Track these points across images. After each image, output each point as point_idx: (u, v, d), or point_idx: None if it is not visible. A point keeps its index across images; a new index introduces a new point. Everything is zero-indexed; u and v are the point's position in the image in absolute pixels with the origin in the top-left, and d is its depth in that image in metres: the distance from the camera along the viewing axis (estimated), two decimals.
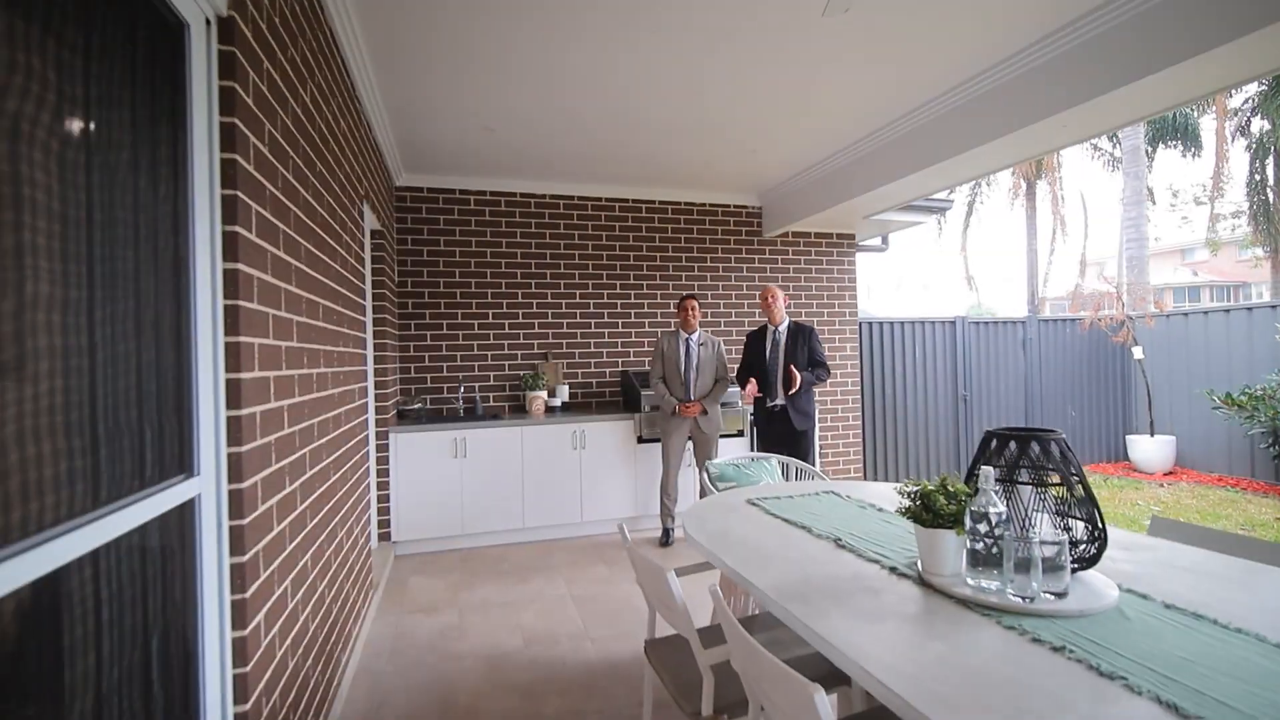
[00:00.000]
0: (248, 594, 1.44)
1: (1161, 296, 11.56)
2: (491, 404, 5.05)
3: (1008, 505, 1.42)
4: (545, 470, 4.53)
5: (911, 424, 6.47)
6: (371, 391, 4.09)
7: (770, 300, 4.04)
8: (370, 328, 4.07)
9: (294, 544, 1.86)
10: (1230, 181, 12.57)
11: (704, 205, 5.63)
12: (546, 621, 3.16)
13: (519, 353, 5.13)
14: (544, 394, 4.91)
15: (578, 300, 5.30)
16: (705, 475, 2.84)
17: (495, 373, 5.07)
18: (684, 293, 5.49)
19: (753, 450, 5.02)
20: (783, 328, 4.04)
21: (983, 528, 1.39)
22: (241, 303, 1.46)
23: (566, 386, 5.10)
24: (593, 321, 5.33)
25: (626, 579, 3.72)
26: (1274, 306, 6.07)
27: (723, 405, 4.81)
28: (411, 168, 4.74)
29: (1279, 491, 5.77)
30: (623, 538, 1.95)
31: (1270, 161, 12.37)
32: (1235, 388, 6.13)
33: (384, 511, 4.24)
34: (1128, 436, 7.07)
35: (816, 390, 4.00)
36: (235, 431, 1.44)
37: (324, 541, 2.26)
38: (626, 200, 5.42)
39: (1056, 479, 1.46)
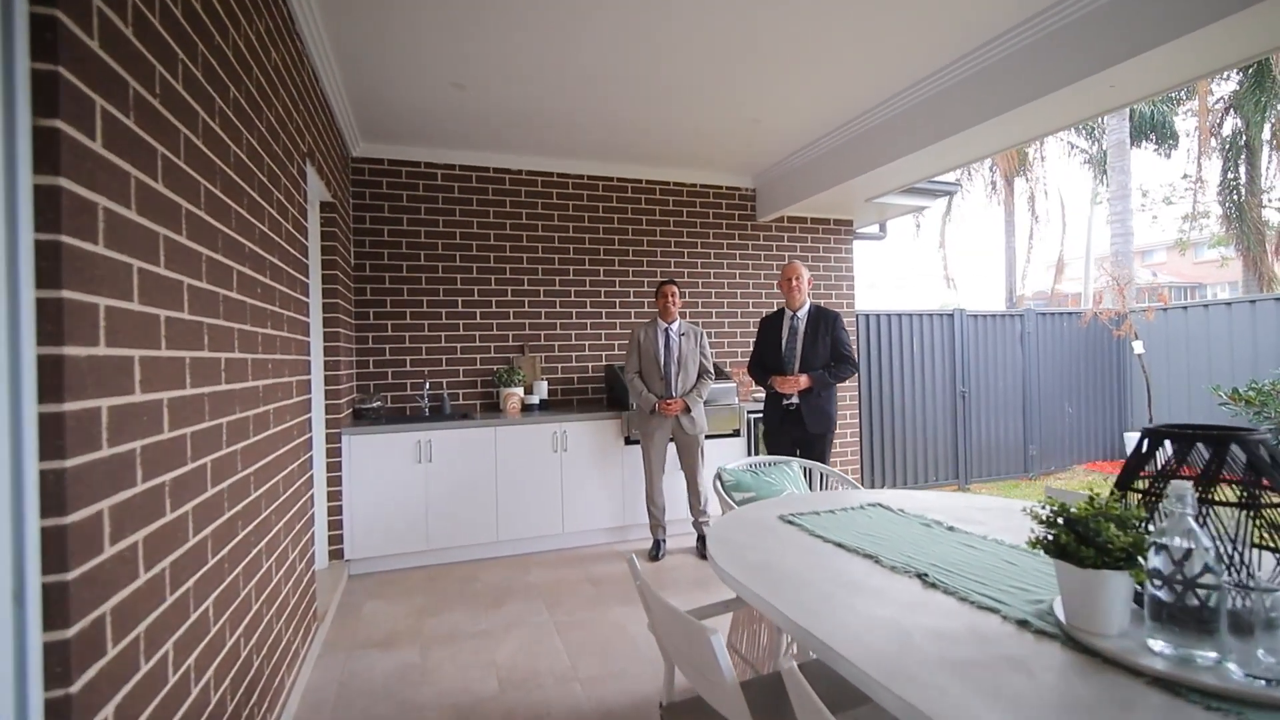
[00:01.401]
0: (74, 687, 0.94)
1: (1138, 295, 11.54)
2: (461, 402, 4.53)
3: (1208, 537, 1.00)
4: (522, 476, 4.03)
5: (910, 422, 6.13)
6: (321, 387, 3.54)
7: (795, 280, 3.54)
8: (319, 313, 3.53)
9: (181, 592, 1.35)
10: (1204, 182, 12.62)
11: (695, 186, 5.19)
12: (526, 657, 2.67)
13: (492, 345, 4.62)
14: (520, 391, 4.41)
15: (557, 288, 4.80)
16: (718, 484, 2.39)
17: (465, 367, 4.55)
18: (662, 278, 5.02)
19: (750, 454, 4.59)
20: (802, 313, 3.56)
21: (1177, 570, 0.96)
22: (68, 239, 0.96)
23: (545, 383, 4.60)
24: (574, 311, 4.84)
25: (618, 600, 3.25)
26: (1277, 299, 5.88)
27: (707, 403, 4.37)
28: (370, 135, 4.19)
29: None
30: (633, 571, 1.49)
31: (1243, 160, 12.45)
32: (1237, 383, 5.93)
33: (335, 525, 3.69)
34: (1126, 434, 6.85)
35: (836, 387, 3.53)
36: (54, 437, 0.93)
37: (239, 577, 1.74)
38: (611, 179, 4.95)
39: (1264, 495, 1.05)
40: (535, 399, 4.48)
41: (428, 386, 4.40)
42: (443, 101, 3.64)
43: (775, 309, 4.01)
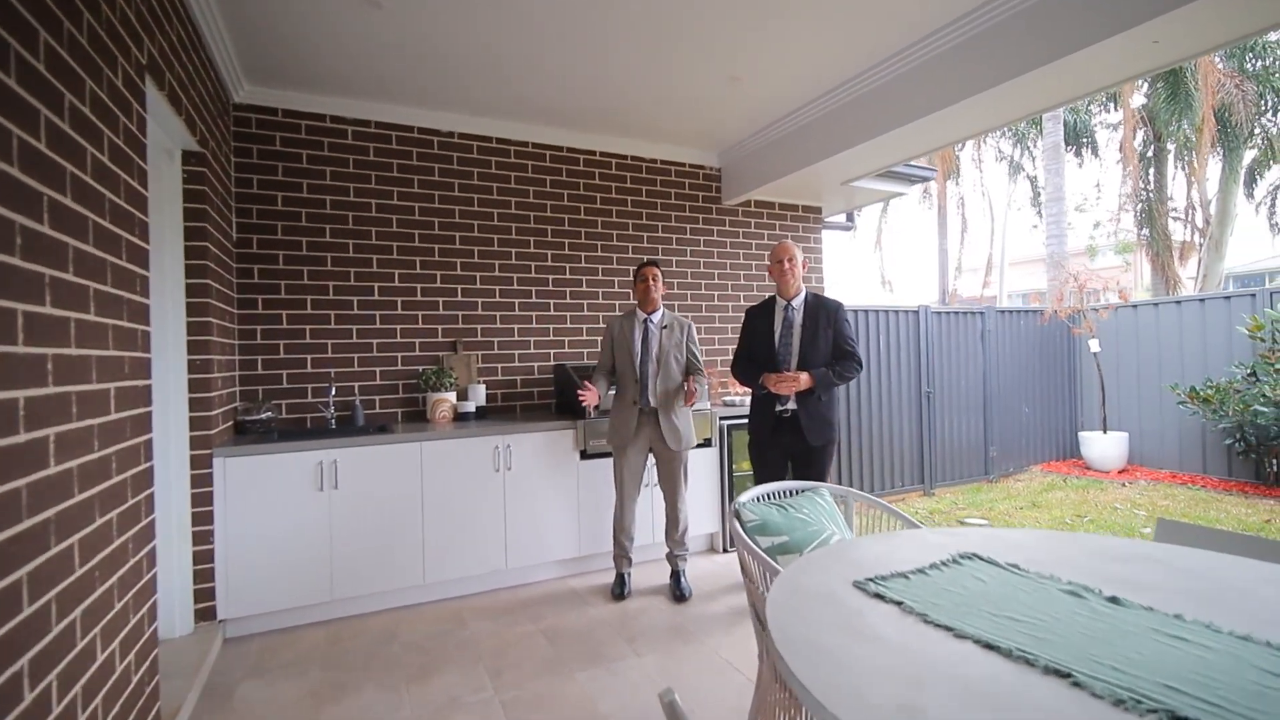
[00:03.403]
0: None
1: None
2: (377, 411, 3.72)
3: None
4: (455, 501, 3.28)
5: (876, 424, 5.75)
6: (181, 395, 2.69)
7: (788, 263, 2.96)
8: (180, 297, 2.68)
9: None
10: (1130, 189, 13.20)
11: (655, 162, 4.58)
12: None
13: (416, 341, 3.83)
14: (452, 396, 3.65)
15: (497, 274, 4.07)
16: (737, 524, 1.78)
17: (383, 368, 3.74)
18: (644, 258, 4.39)
19: (723, 467, 4.02)
20: (797, 302, 2.99)
21: None
22: None
23: (483, 386, 3.86)
24: (516, 301, 4.12)
25: (580, 659, 2.57)
26: (1227, 298, 5.91)
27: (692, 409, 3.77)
28: (257, 75, 3.32)
29: (1241, 488, 5.57)
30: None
31: (1152, 169, 13.13)
32: (1187, 381, 5.93)
33: (205, 576, 2.82)
34: (1080, 433, 6.78)
35: (838, 389, 2.99)
36: None
37: None
38: (561, 149, 4.26)
39: None
40: (470, 405, 3.73)
41: (334, 392, 3.56)
42: (352, 26, 2.86)
43: (757, 301, 3.46)
